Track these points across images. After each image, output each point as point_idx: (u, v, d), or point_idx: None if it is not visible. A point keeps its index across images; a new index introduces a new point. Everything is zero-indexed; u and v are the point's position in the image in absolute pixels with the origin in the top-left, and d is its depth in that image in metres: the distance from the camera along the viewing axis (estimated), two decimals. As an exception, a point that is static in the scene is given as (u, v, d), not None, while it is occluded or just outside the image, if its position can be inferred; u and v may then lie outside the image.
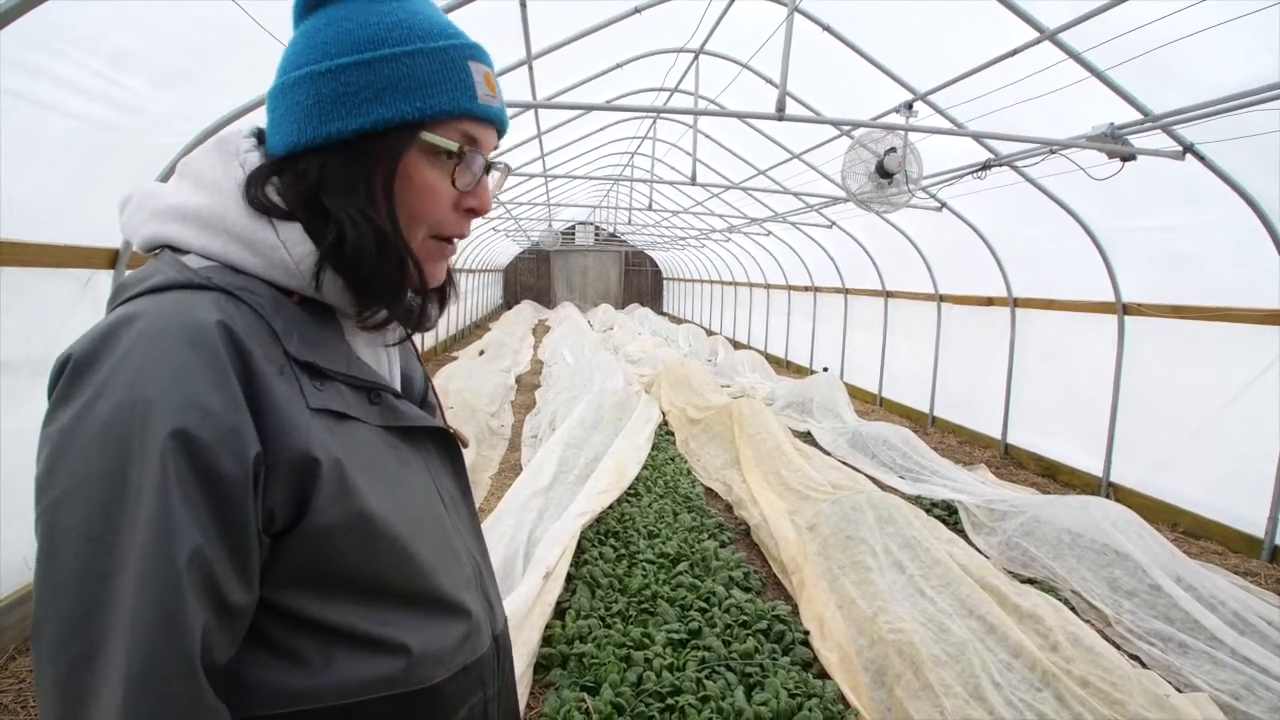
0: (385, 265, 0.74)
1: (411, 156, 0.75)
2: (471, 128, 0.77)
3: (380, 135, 0.73)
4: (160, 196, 0.75)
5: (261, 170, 0.74)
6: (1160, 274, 5.29)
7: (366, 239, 0.73)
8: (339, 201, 0.73)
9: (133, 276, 0.71)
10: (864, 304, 10.22)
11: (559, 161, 10.46)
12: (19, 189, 2.92)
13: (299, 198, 0.74)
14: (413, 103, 0.73)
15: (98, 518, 0.59)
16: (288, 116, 0.74)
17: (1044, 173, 5.28)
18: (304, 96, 0.73)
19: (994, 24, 4.18)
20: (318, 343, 0.74)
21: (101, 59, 2.97)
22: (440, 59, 0.75)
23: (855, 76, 5.58)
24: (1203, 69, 3.80)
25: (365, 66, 0.72)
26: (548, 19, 4.86)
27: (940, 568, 3.71)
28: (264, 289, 0.72)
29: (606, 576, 3.78)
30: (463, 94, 0.76)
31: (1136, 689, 2.78)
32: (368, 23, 0.73)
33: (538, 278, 28.39)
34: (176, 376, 0.61)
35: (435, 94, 0.74)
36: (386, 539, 0.74)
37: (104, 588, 0.58)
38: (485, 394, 8.32)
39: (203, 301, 0.66)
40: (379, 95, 0.72)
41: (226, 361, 0.63)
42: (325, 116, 0.72)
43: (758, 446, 5.97)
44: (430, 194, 0.76)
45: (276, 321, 0.70)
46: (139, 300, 0.66)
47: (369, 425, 0.77)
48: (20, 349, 3.05)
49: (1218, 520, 4.82)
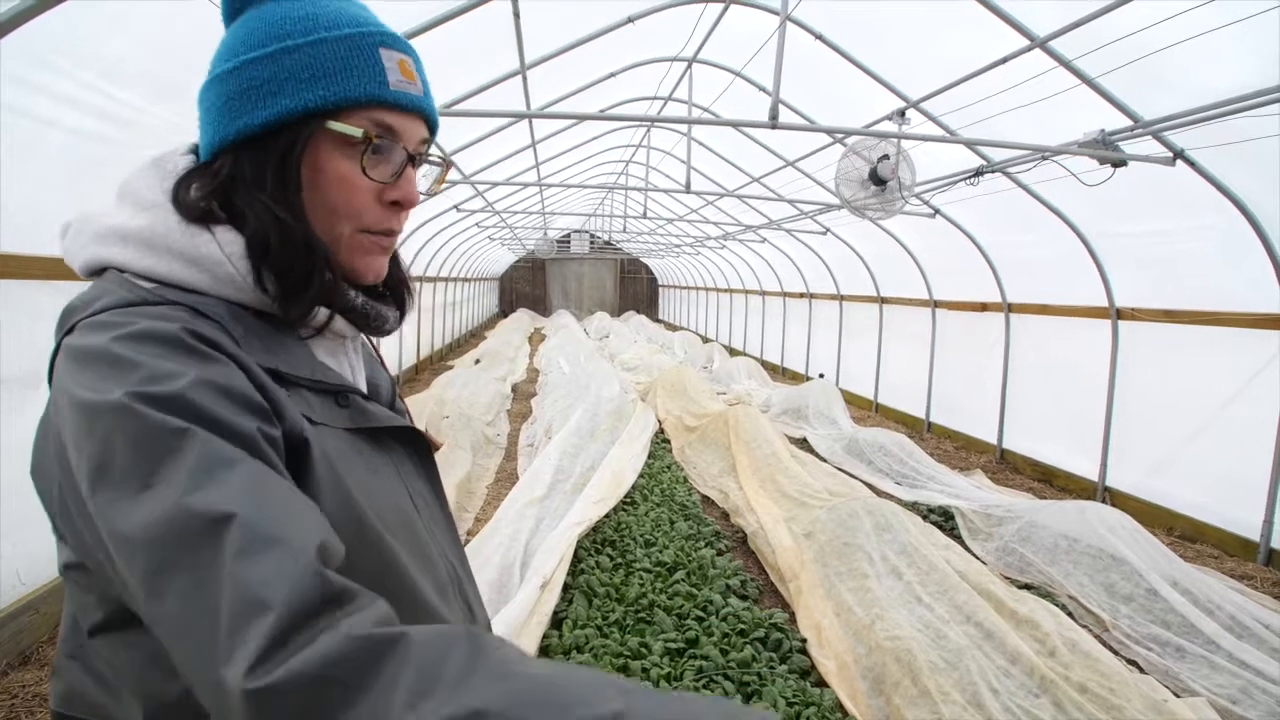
0: (294, 257, 0.73)
1: (322, 148, 0.74)
2: (386, 116, 0.75)
3: (286, 127, 0.72)
4: (100, 219, 0.73)
5: (184, 176, 0.74)
6: (1153, 279, 5.32)
7: (272, 231, 0.71)
8: (246, 196, 0.72)
9: (81, 299, 0.69)
10: (859, 310, 10.24)
11: (554, 170, 10.48)
12: (15, 202, 2.92)
13: (212, 196, 0.73)
14: (315, 91, 0.72)
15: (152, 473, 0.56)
16: (204, 119, 0.75)
17: (1036, 179, 5.31)
18: (215, 97, 0.74)
19: (985, 32, 4.21)
20: (279, 350, 0.73)
21: (96, 72, 2.98)
22: (345, 46, 0.73)
23: (848, 84, 5.61)
24: (1193, 75, 3.83)
25: (268, 59, 0.72)
26: (541, 29, 4.87)
27: (937, 574, 3.71)
28: (217, 304, 0.71)
29: (603, 586, 3.76)
30: (369, 80, 0.74)
31: (1134, 694, 2.78)
32: (273, 19, 0.73)
33: (533, 286, 28.39)
34: (187, 367, 0.61)
35: (338, 81, 0.73)
36: (372, 535, 0.73)
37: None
38: (481, 403, 8.31)
39: (161, 313, 0.66)
40: (281, 86, 0.72)
41: (209, 350, 0.64)
42: (233, 113, 0.72)
43: (754, 454, 5.97)
44: (346, 185, 0.75)
45: (236, 330, 0.69)
46: (95, 320, 0.65)
47: (335, 429, 0.75)
48: (16, 362, 3.04)
49: (1213, 524, 4.83)
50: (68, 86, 2.90)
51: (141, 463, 0.56)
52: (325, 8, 0.75)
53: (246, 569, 0.51)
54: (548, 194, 12.02)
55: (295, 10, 0.74)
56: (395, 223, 0.80)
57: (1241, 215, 4.34)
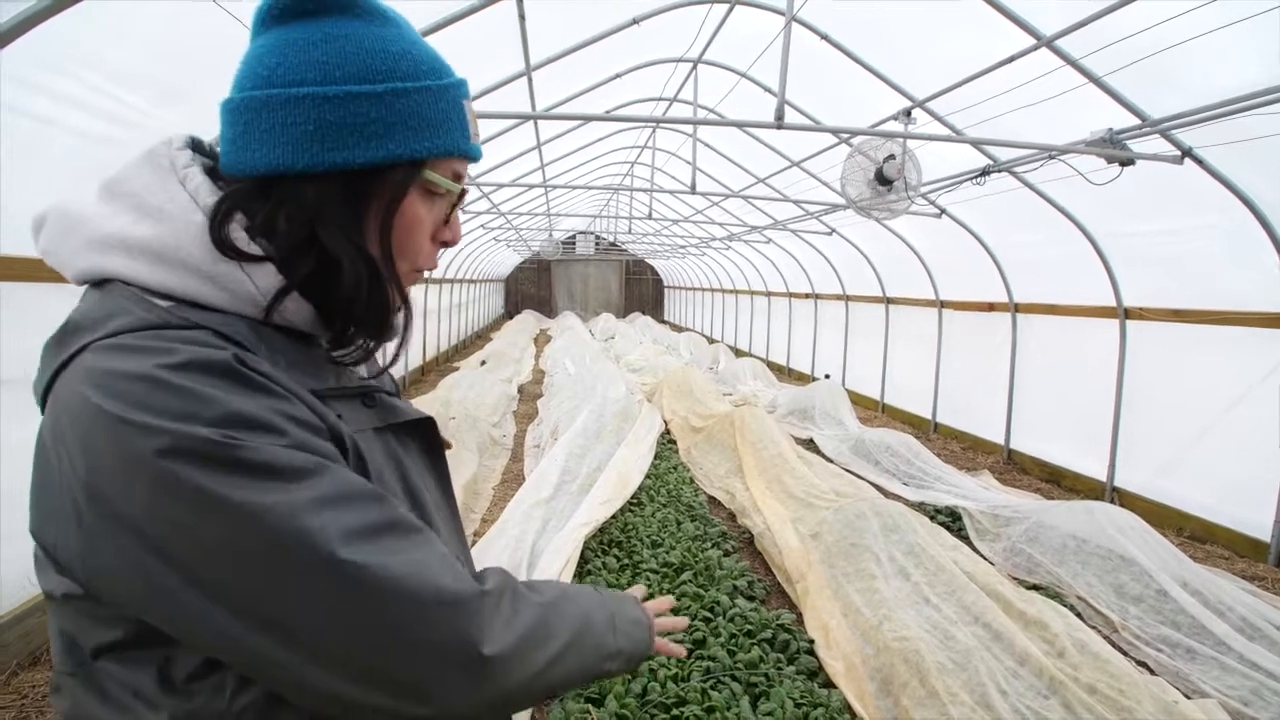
0: (375, 299, 0.73)
1: (410, 193, 0.75)
2: (460, 166, 0.79)
3: (384, 170, 0.72)
4: (93, 223, 0.68)
5: (232, 199, 0.70)
6: (1161, 278, 5.29)
7: (362, 274, 0.72)
8: (336, 234, 0.70)
9: (87, 316, 0.65)
10: (865, 311, 10.22)
11: (559, 172, 10.49)
12: (20, 205, 2.93)
13: (292, 226, 0.70)
14: (421, 142, 0.72)
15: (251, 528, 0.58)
16: (273, 136, 0.68)
17: (1043, 178, 5.29)
18: (302, 119, 0.68)
19: (992, 31, 4.20)
20: (304, 365, 0.72)
21: (102, 75, 2.99)
22: (444, 98, 0.75)
23: (854, 84, 5.60)
24: (1201, 73, 3.82)
25: (376, 99, 0.70)
26: (546, 30, 4.88)
27: (945, 575, 3.69)
28: (239, 322, 0.68)
29: (610, 587, 3.76)
30: (461, 135, 0.77)
31: (1144, 695, 2.76)
32: (372, 49, 0.71)
33: (539, 287, 28.42)
34: (232, 397, 0.60)
35: (441, 134, 0.74)
36: None
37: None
38: (487, 404, 8.32)
39: (196, 338, 0.63)
40: (389, 131, 0.70)
41: (256, 377, 0.63)
42: (330, 145, 0.69)
43: (760, 454, 5.96)
44: (418, 229, 0.77)
45: (261, 350, 0.68)
46: (114, 342, 0.62)
47: (365, 432, 0.76)
48: (25, 365, 3.05)
49: (1223, 525, 4.80)
50: (73, 89, 2.92)
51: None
52: (416, 44, 0.75)
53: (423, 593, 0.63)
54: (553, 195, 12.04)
55: (392, 42, 0.72)
56: (436, 261, 0.83)
57: (1250, 214, 4.32)
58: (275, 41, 0.71)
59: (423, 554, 0.65)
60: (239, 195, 0.70)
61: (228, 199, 0.69)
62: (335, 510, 0.60)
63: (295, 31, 0.70)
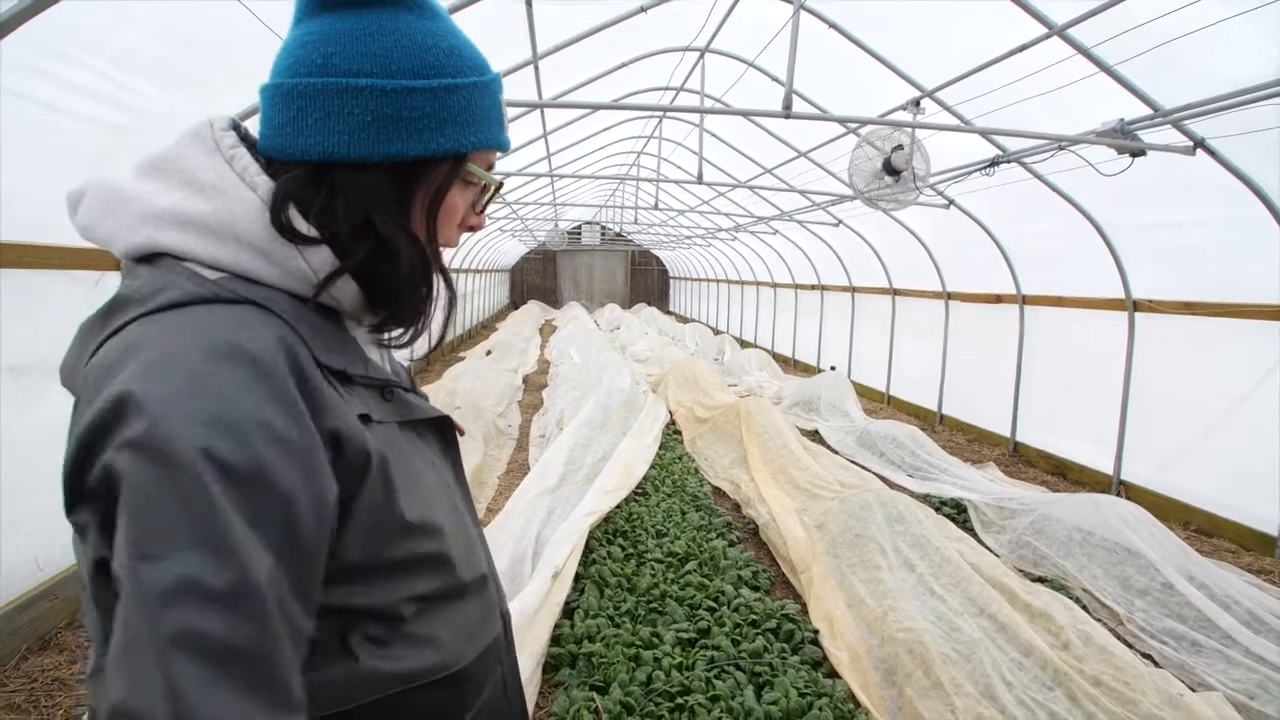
0: (422, 284, 0.78)
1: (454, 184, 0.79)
2: (493, 156, 0.84)
3: (433, 162, 0.76)
4: (145, 198, 0.69)
5: (292, 184, 0.71)
6: (1171, 270, 5.25)
7: (416, 260, 0.76)
8: (390, 222, 0.74)
9: (137, 290, 0.66)
10: (871, 302, 10.19)
11: (565, 161, 10.46)
12: (27, 191, 2.93)
13: (350, 212, 0.72)
14: (468, 136, 0.76)
15: (168, 541, 0.54)
16: (329, 124, 0.70)
17: (1052, 169, 5.25)
18: (360, 109, 0.70)
19: (1002, 20, 4.16)
20: (340, 347, 0.74)
21: (108, 60, 2.98)
22: (488, 94, 0.78)
23: (862, 74, 5.56)
24: (1214, 63, 3.77)
25: (430, 94, 0.73)
26: (553, 18, 4.85)
27: (950, 566, 3.69)
28: (284, 298, 0.70)
29: (615, 576, 3.77)
30: (499, 128, 0.81)
31: (1150, 688, 2.76)
32: (426, 44, 0.73)
33: (544, 278, 28.41)
34: (245, 397, 0.58)
35: (483, 129, 0.78)
36: (428, 534, 0.76)
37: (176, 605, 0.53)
38: (493, 394, 8.34)
39: (243, 315, 0.64)
40: (440, 125, 0.74)
41: (290, 381, 0.62)
42: (385, 136, 0.71)
43: (765, 445, 5.96)
44: (453, 215, 0.81)
45: (303, 330, 0.68)
46: (159, 316, 0.62)
47: (388, 424, 0.77)
48: (30, 352, 3.06)
49: (1230, 518, 4.78)
50: (79, 75, 2.91)
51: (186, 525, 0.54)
52: (462, 39, 0.78)
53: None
54: (559, 185, 12.02)
55: (443, 38, 0.75)
56: (457, 241, 0.87)
57: (1263, 205, 4.28)
58: (327, 29, 0.72)
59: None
60: (296, 180, 0.72)
61: (286, 183, 0.71)
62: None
63: (347, 21, 0.72)
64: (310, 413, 0.63)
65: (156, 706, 0.50)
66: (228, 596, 0.53)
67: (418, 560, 0.75)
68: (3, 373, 2.91)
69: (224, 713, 0.52)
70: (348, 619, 0.70)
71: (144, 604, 0.52)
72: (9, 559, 2.99)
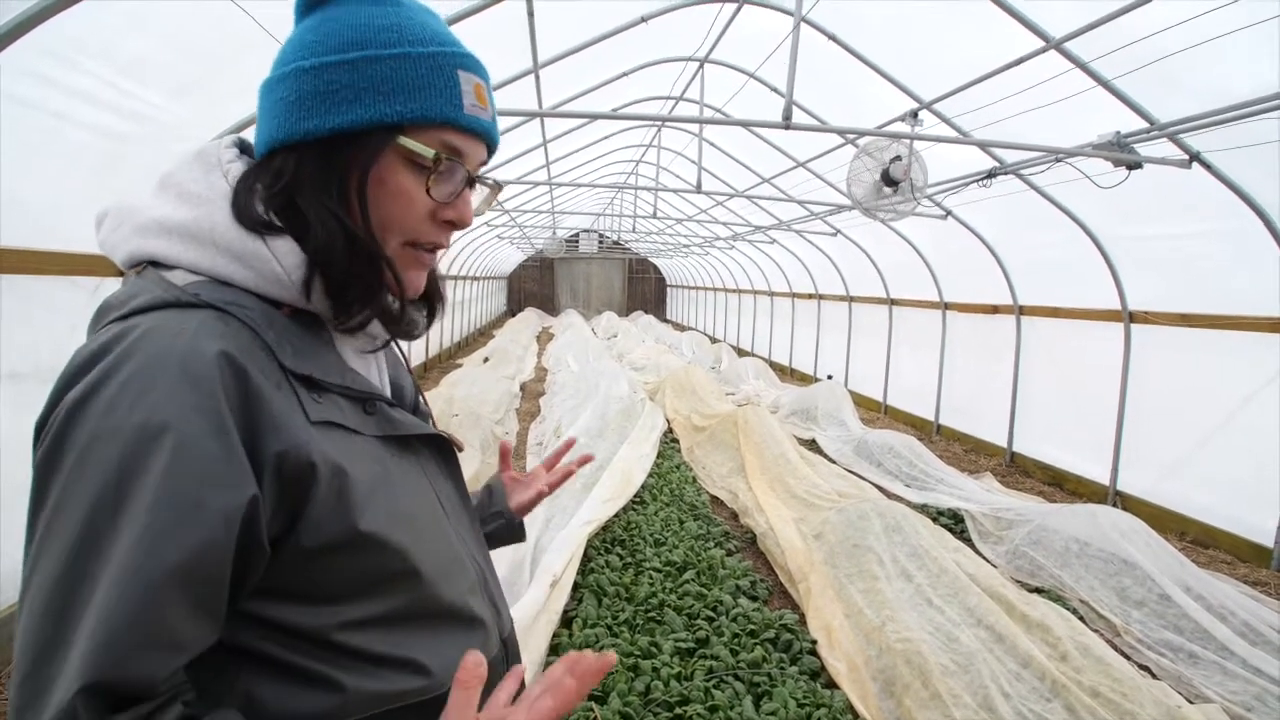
0: (357, 267, 0.73)
1: (387, 161, 0.73)
2: (454, 138, 0.75)
3: (357, 136, 0.72)
4: (142, 211, 0.72)
5: (246, 176, 0.73)
6: (1167, 282, 5.28)
7: (337, 240, 0.71)
8: (311, 200, 0.72)
9: (116, 297, 0.69)
10: (868, 312, 10.21)
11: (564, 170, 10.49)
12: (30, 197, 2.94)
13: (274, 198, 0.72)
14: (392, 105, 0.71)
15: (75, 542, 0.58)
16: (270, 112, 0.73)
17: (1049, 181, 5.29)
18: (286, 92, 0.72)
19: (1000, 33, 4.19)
20: (312, 355, 0.73)
21: (115, 68, 2.99)
22: (426, 65, 0.73)
23: (861, 85, 5.60)
24: (1210, 77, 3.81)
25: (349, 66, 0.71)
26: (555, 27, 4.88)
27: (948, 577, 3.69)
28: (254, 302, 0.70)
29: (613, 585, 3.77)
30: (445, 102, 0.74)
31: (1147, 700, 2.76)
32: (357, 23, 0.72)
33: (542, 285, 28.43)
34: (164, 402, 0.60)
35: (416, 99, 0.72)
36: (389, 553, 0.73)
37: (71, 620, 0.58)
38: (490, 401, 8.32)
39: (193, 321, 0.65)
40: (359, 95, 0.71)
41: (219, 388, 0.62)
42: (304, 113, 0.71)
43: (763, 454, 5.96)
44: (405, 201, 0.75)
45: (269, 335, 0.69)
46: (127, 320, 0.65)
47: (366, 436, 0.76)
48: (29, 358, 3.06)
49: (1226, 529, 4.80)
50: (86, 82, 2.91)
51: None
52: (411, 19, 0.75)
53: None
54: (557, 193, 12.02)
55: (381, 18, 0.73)
56: (445, 240, 0.80)
57: (1258, 218, 4.31)
58: (293, 32, 0.76)
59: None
60: (251, 172, 0.74)
61: (244, 177, 0.74)
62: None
63: (307, 20, 0.75)
64: (241, 421, 0.64)
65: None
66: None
67: (377, 575, 0.73)
68: (3, 378, 2.91)
69: None
70: (308, 643, 0.70)
71: (29, 561, 0.61)
72: (10, 562, 2.98)
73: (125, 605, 0.57)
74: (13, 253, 2.90)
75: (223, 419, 0.62)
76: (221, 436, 0.62)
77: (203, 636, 0.63)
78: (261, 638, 0.68)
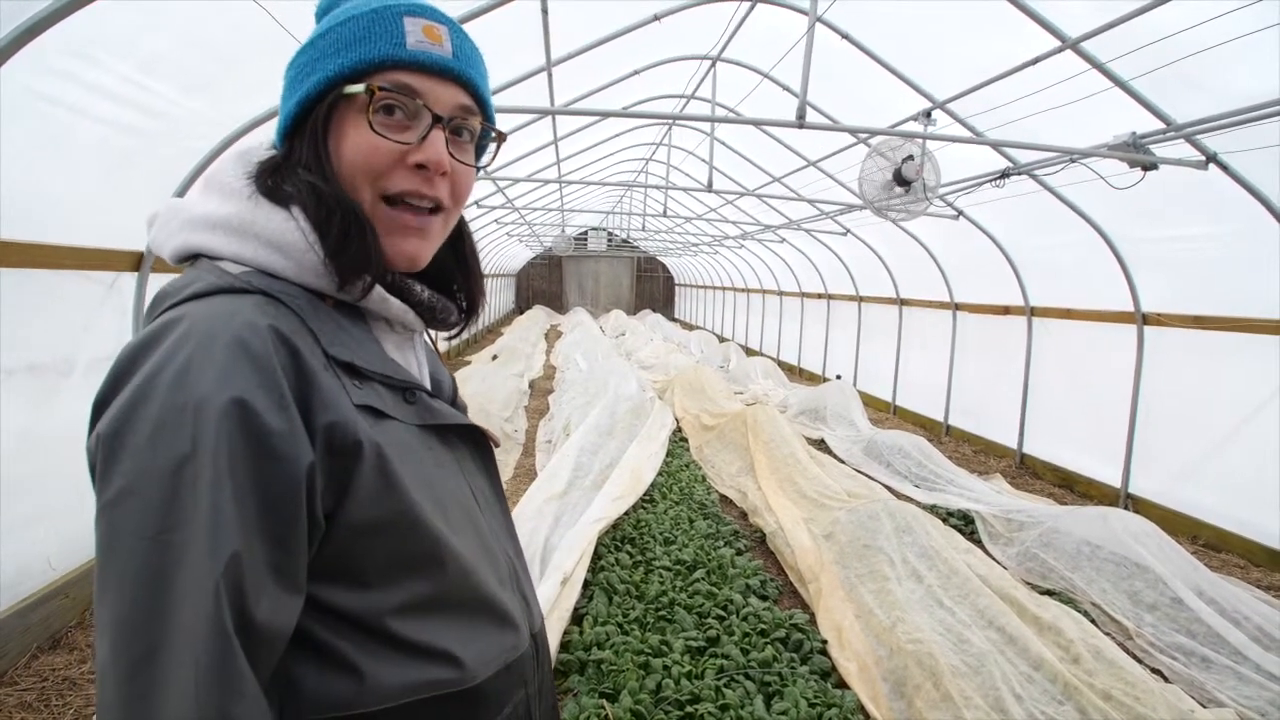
0: (330, 216, 0.73)
1: (346, 115, 0.76)
2: (405, 76, 0.75)
3: (315, 104, 0.76)
4: (188, 208, 0.77)
5: (266, 162, 0.79)
6: (1181, 284, 5.25)
7: (308, 197, 0.74)
8: (289, 173, 0.76)
9: (173, 285, 0.72)
10: (878, 311, 10.19)
11: (574, 167, 10.49)
12: (48, 192, 2.97)
13: (263, 169, 0.78)
14: (336, 60, 0.75)
15: (153, 516, 0.58)
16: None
17: (1063, 181, 5.26)
18: (283, 90, 0.80)
19: (1015, 33, 4.17)
20: (354, 343, 0.75)
21: (132, 64, 3.01)
22: (369, 19, 0.76)
23: (874, 84, 5.58)
24: (1228, 78, 3.78)
25: (309, 47, 0.78)
26: (568, 25, 4.88)
27: (959, 578, 3.68)
28: (299, 292, 0.74)
29: (623, 583, 3.77)
30: (385, 43, 0.75)
31: (1160, 703, 2.75)
32: (329, 11, 0.81)
33: (550, 283, 28.46)
34: (227, 377, 0.61)
35: (356, 49, 0.75)
36: (427, 537, 0.74)
37: (163, 587, 0.57)
38: (499, 399, 8.34)
39: (247, 304, 0.67)
40: (315, 66, 0.76)
41: (276, 363, 0.64)
42: (284, 101, 0.80)
43: (772, 454, 5.96)
44: (364, 146, 0.75)
45: (314, 323, 0.72)
46: (183, 306, 0.67)
47: (405, 424, 0.77)
48: (48, 351, 3.08)
49: (1239, 533, 4.77)
50: (105, 78, 2.93)
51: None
52: (368, 3, 0.78)
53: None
54: (567, 191, 12.03)
55: (358, 6, 0.78)
56: (423, 187, 0.77)
57: (1275, 220, 4.28)
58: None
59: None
60: (272, 159, 0.80)
61: (265, 161, 0.79)
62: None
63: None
64: (297, 395, 0.65)
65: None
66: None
67: (413, 560, 0.74)
68: (20, 371, 2.93)
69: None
70: (341, 623, 0.70)
71: (103, 545, 0.60)
72: (22, 557, 3.00)
73: (216, 602, 0.58)
74: (32, 247, 2.92)
75: (283, 393, 0.64)
76: (284, 410, 0.64)
77: (292, 620, 0.65)
78: (310, 620, 0.68)
